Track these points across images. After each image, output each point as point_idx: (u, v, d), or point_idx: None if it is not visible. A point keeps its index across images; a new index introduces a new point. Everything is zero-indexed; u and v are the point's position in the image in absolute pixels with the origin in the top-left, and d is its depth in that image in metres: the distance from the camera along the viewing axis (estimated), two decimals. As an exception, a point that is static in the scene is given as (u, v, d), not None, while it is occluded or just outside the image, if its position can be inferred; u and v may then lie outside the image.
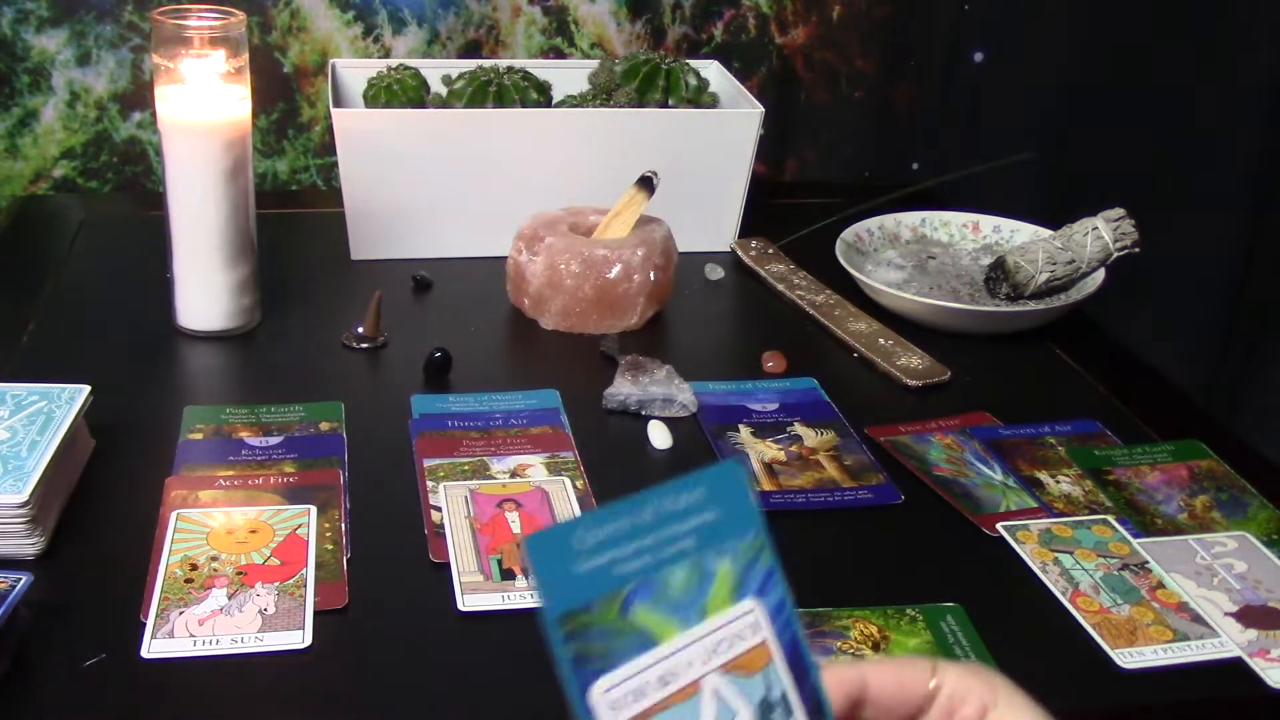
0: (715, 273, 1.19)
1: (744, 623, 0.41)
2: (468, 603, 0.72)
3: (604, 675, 0.38)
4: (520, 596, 0.72)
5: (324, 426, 0.89)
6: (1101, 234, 1.09)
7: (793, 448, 0.90)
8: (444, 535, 0.78)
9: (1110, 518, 0.83)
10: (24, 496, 0.72)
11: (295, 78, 1.35)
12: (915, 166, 1.52)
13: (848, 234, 1.17)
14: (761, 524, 0.42)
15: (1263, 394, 1.57)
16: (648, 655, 0.39)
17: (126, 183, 1.35)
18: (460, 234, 1.18)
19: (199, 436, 0.87)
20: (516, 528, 0.79)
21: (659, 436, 0.91)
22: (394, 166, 1.14)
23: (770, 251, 1.22)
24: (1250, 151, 1.50)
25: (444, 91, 1.20)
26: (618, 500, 0.39)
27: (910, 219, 1.23)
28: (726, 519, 0.41)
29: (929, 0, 1.46)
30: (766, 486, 0.85)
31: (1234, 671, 0.71)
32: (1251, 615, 0.75)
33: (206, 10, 0.97)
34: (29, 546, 0.74)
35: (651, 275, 1.05)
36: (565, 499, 0.82)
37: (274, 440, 0.87)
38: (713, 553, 0.41)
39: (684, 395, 0.93)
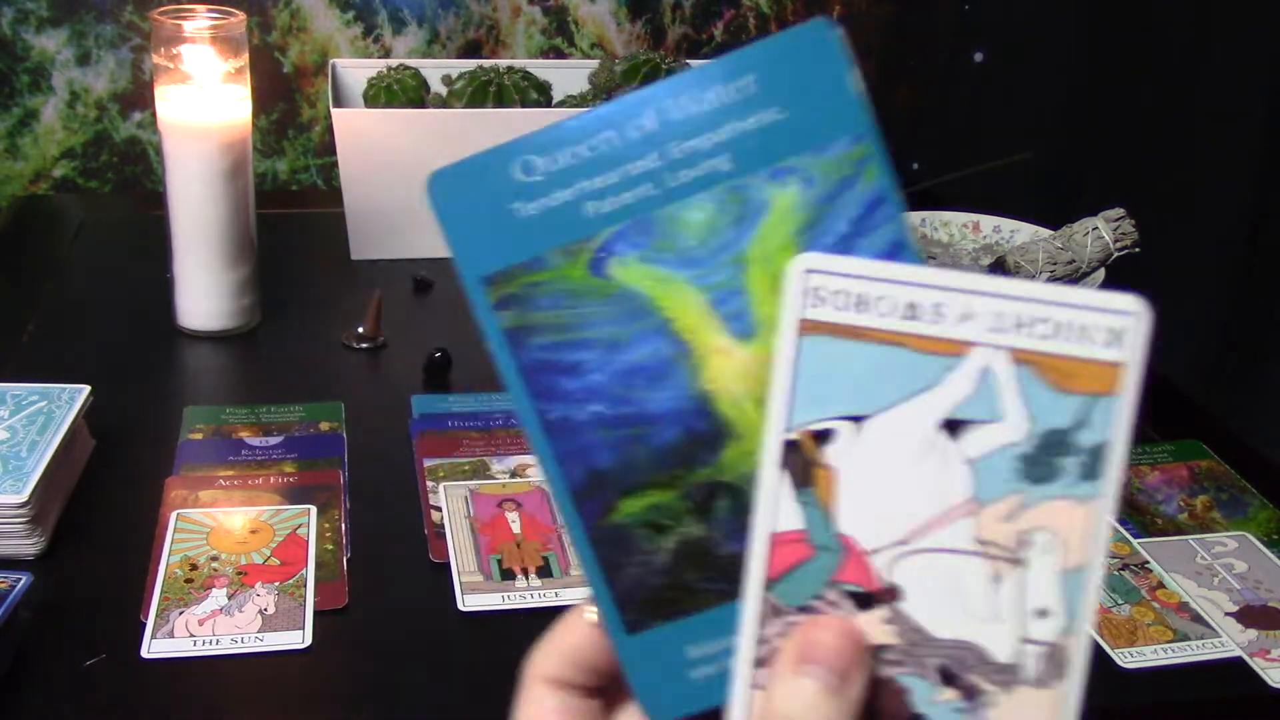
0: (715, 273, 1.19)
1: (1098, 319, 0.27)
2: (468, 603, 0.72)
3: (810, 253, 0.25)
4: (521, 597, 0.72)
5: (324, 426, 0.89)
6: (1101, 234, 1.09)
7: (793, 448, 0.90)
8: (444, 535, 0.78)
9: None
10: (24, 496, 0.72)
11: (295, 78, 1.35)
12: (915, 166, 1.52)
13: (848, 234, 1.17)
14: (867, 121, 0.27)
15: (1263, 394, 1.57)
16: (884, 266, 0.26)
17: (126, 183, 1.35)
18: (460, 234, 1.18)
19: (199, 436, 0.87)
20: (517, 528, 0.79)
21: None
22: (394, 166, 1.14)
23: (770, 251, 1.22)
24: (1250, 151, 1.50)
25: (444, 91, 1.20)
26: (596, 106, 0.25)
27: (910, 219, 1.22)
28: (797, 120, 0.27)
29: (929, 0, 1.46)
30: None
31: (1234, 671, 0.71)
32: (1252, 615, 0.75)
33: (206, 10, 0.97)
34: (29, 546, 0.74)
35: (651, 275, 1.05)
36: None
37: (274, 440, 0.87)
38: (763, 174, 0.27)
39: (684, 395, 0.93)
